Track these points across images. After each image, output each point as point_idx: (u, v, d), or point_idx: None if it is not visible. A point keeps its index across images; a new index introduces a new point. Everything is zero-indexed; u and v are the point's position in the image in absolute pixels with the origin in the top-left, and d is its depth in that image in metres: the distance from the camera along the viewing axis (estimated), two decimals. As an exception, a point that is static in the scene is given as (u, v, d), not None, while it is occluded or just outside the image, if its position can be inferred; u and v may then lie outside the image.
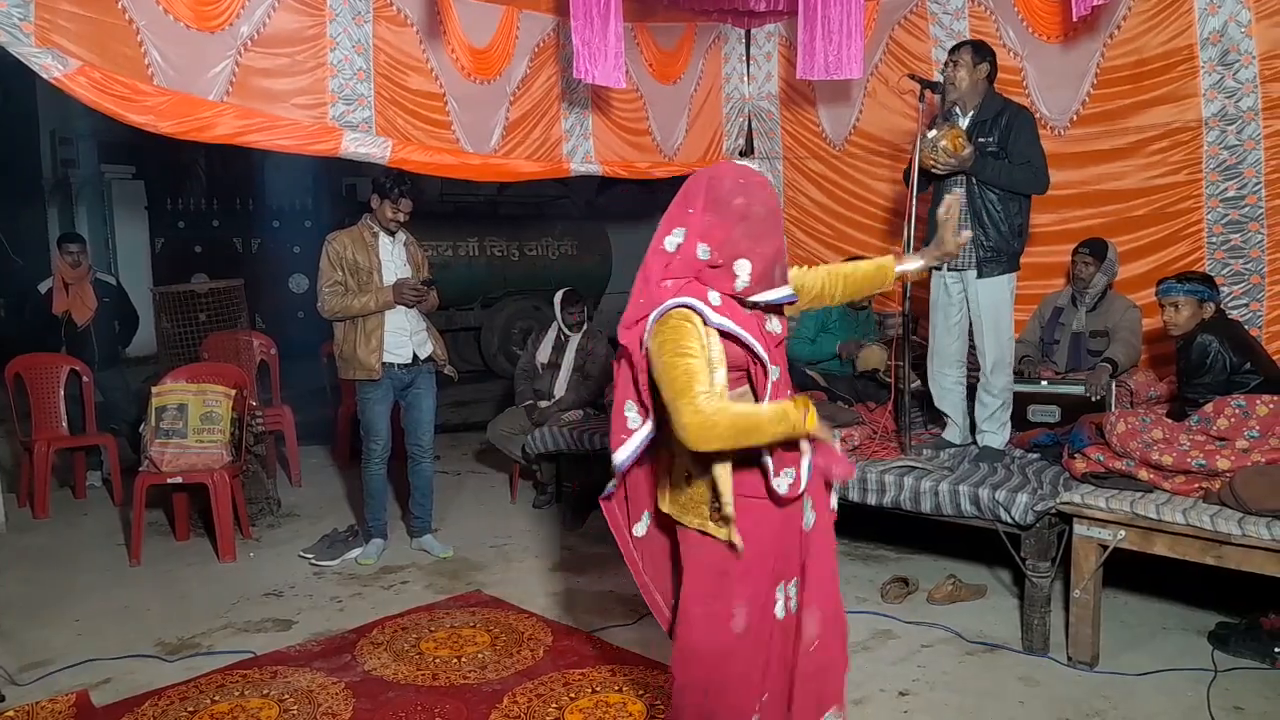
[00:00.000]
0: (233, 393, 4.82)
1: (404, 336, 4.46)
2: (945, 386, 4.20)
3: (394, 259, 4.52)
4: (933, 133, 3.90)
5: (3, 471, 5.69)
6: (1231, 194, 4.47)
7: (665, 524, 2.27)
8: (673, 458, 2.14)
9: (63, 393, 5.68)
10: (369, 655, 3.49)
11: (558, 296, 5.65)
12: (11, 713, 3.09)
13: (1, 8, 3.60)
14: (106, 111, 3.94)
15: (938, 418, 4.36)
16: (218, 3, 4.23)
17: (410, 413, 4.60)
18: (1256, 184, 4.40)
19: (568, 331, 5.58)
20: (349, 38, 4.66)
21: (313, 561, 4.56)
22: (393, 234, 4.52)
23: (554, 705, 3.09)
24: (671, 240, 2.06)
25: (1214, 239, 4.56)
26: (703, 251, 2.03)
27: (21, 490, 5.60)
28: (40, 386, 5.66)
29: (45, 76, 3.76)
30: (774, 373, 2.08)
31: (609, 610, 3.95)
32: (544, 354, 5.63)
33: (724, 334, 2.02)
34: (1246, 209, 4.44)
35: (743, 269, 2.02)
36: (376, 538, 4.64)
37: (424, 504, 4.73)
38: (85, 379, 5.71)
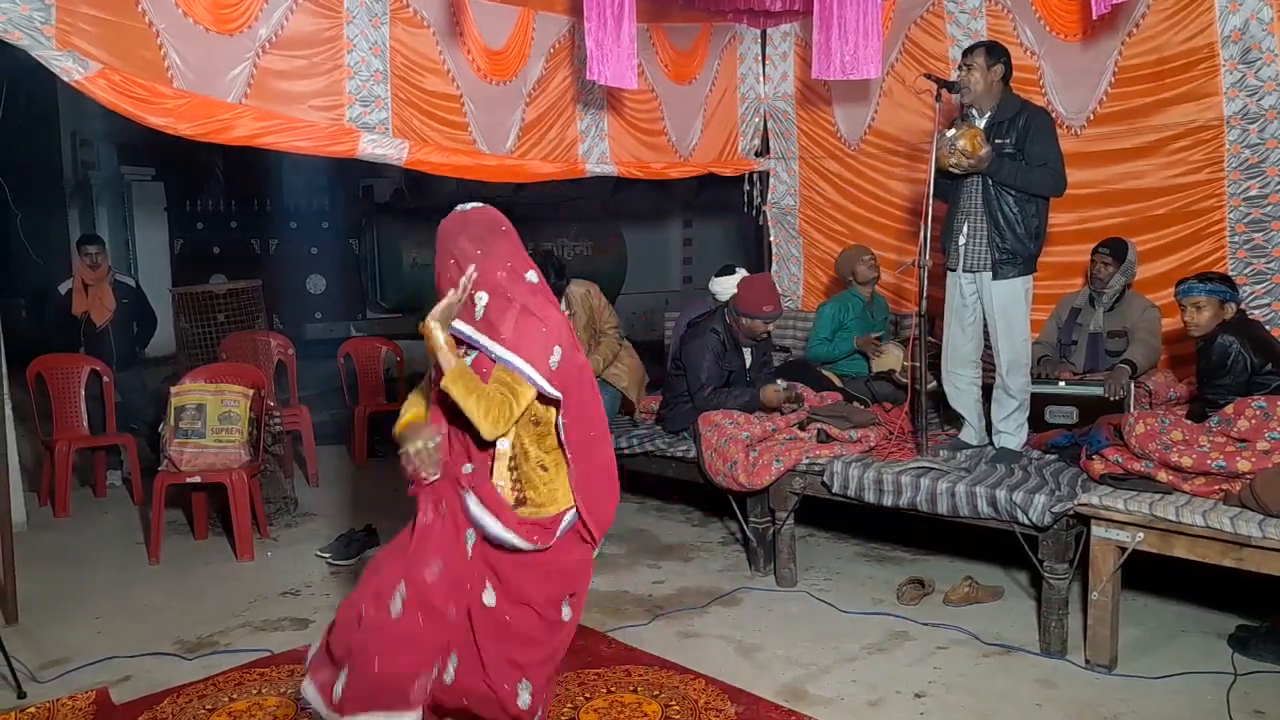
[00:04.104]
0: (251, 393, 4.85)
1: None
2: (959, 387, 4.19)
3: None
4: (951, 132, 3.89)
5: (24, 470, 5.74)
6: (1254, 193, 4.43)
7: None
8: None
9: (83, 393, 5.73)
10: (385, 654, 3.50)
11: None
12: (33, 709, 3.12)
13: (23, 11, 3.64)
14: (126, 114, 3.97)
15: (954, 418, 4.34)
16: (236, 5, 4.25)
17: None
18: (1279, 183, 4.36)
19: None
20: (366, 40, 4.68)
21: (330, 561, 4.58)
22: None
23: (569, 705, 3.10)
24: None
25: (1236, 238, 4.52)
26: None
27: (43, 489, 5.66)
28: (61, 386, 5.71)
29: (66, 79, 3.80)
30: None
31: (623, 610, 3.95)
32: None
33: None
34: (1269, 208, 4.40)
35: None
36: None
37: None
38: (106, 379, 5.76)
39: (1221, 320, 3.64)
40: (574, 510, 2.31)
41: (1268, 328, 4.16)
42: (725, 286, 4.87)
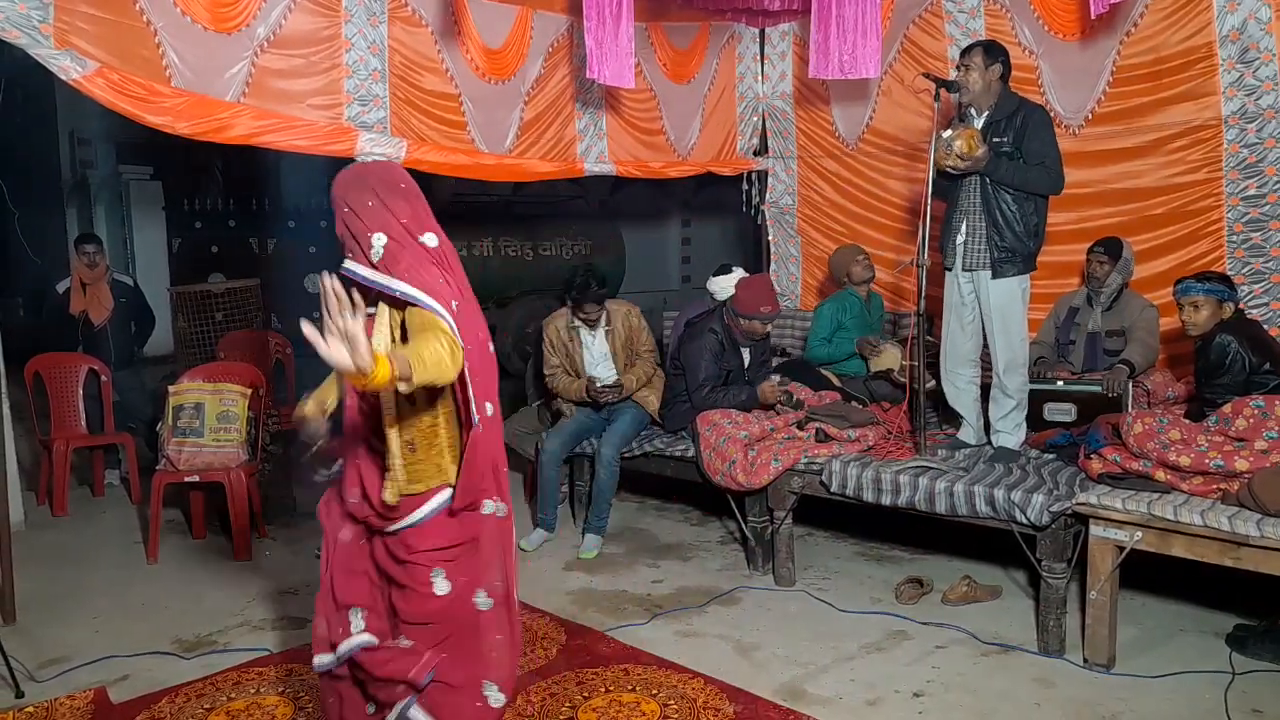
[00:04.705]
0: (249, 392, 4.85)
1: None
2: (959, 386, 4.19)
3: (592, 350, 4.86)
4: (947, 133, 3.89)
5: (22, 469, 5.74)
6: (1252, 192, 4.44)
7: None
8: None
9: (81, 392, 5.73)
10: (383, 653, 3.50)
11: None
12: (31, 709, 3.12)
13: (21, 10, 3.64)
14: (124, 113, 3.97)
15: (953, 418, 4.34)
16: (234, 4, 4.25)
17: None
18: (1277, 182, 4.36)
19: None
20: (364, 39, 4.68)
21: (328, 560, 4.57)
22: (593, 324, 4.82)
23: (567, 704, 3.10)
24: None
25: (1234, 237, 4.52)
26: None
27: (41, 488, 5.65)
28: (59, 386, 5.71)
29: (64, 78, 3.79)
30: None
31: (623, 609, 3.95)
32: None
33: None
34: (1267, 207, 4.40)
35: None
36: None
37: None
38: (104, 378, 5.75)
39: (1219, 320, 3.64)
40: (448, 491, 2.20)
41: (1266, 327, 4.16)
42: (723, 285, 4.87)
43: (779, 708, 3.07)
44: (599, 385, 4.75)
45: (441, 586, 2.21)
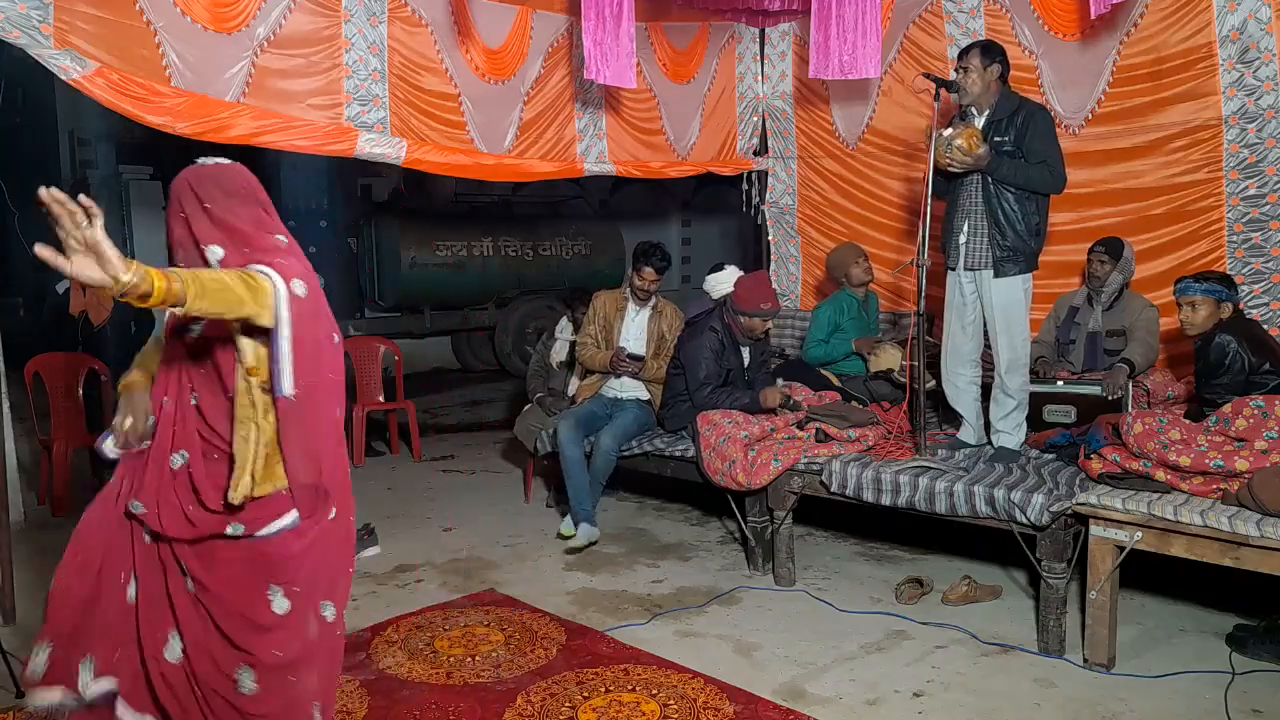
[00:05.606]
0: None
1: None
2: (959, 387, 4.19)
3: (631, 326, 4.96)
4: (948, 131, 3.89)
5: (22, 469, 5.74)
6: (1252, 192, 4.44)
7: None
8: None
9: (81, 392, 5.73)
10: (383, 654, 3.51)
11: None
12: (31, 709, 3.12)
13: (21, 10, 3.64)
14: (124, 113, 3.97)
15: (953, 418, 4.34)
16: (234, 4, 4.26)
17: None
18: (1277, 182, 4.36)
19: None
20: (364, 39, 4.69)
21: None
22: (642, 300, 4.95)
23: (567, 704, 3.10)
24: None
25: (1234, 237, 4.52)
26: None
27: (41, 488, 5.65)
28: (59, 386, 5.71)
29: (64, 78, 3.80)
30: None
31: (623, 609, 3.95)
32: (560, 354, 5.63)
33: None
34: (1267, 207, 4.40)
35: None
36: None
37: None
38: (104, 378, 5.75)
39: (1218, 320, 3.64)
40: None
41: (1266, 327, 4.16)
42: (718, 283, 4.87)
43: (779, 708, 3.07)
44: (625, 353, 4.86)
45: (283, 605, 2.03)
